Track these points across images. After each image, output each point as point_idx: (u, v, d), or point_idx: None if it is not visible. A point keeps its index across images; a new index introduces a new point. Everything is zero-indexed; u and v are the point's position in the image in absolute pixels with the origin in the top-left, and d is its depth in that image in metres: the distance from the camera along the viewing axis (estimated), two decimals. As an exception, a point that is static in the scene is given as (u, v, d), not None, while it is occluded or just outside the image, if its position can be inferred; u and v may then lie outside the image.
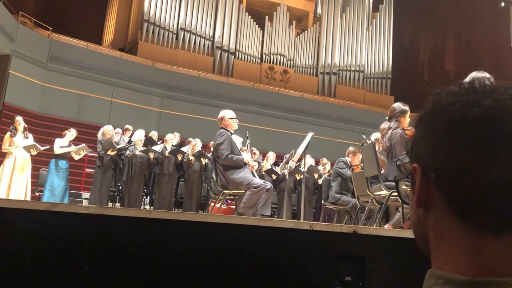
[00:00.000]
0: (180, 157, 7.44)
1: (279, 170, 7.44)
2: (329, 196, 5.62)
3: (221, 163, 4.34)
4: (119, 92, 11.31)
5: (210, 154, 6.25)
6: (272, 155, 7.98)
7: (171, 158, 7.44)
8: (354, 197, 4.71)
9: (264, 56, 14.28)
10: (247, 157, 4.65)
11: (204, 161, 7.46)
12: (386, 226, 4.03)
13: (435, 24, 16.89)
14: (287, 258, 1.91)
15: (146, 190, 7.84)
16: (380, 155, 4.03)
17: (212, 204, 5.33)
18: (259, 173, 7.18)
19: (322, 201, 6.18)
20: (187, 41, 13.21)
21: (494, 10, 14.73)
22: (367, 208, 4.21)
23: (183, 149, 7.69)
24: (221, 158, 4.31)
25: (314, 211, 7.62)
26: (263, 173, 7.46)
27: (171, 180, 7.49)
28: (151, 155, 7.38)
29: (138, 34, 12.83)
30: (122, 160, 7.55)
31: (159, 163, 7.46)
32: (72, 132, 7.21)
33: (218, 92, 12.36)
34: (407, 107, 3.82)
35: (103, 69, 11.20)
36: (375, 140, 4.27)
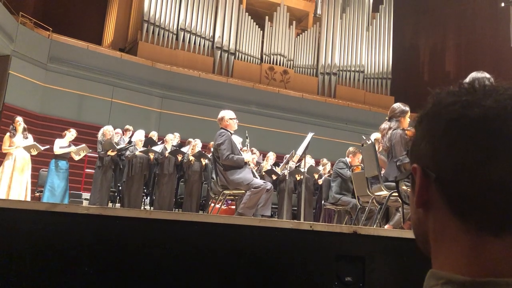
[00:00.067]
0: (180, 157, 7.44)
1: (279, 171, 7.44)
2: (329, 196, 5.62)
3: (221, 164, 4.34)
4: (119, 92, 11.31)
5: (210, 155, 6.25)
6: (272, 156, 7.98)
7: (171, 158, 7.44)
8: (354, 197, 4.71)
9: (264, 56, 14.29)
10: (247, 156, 4.66)
11: (204, 161, 7.46)
12: (386, 227, 4.03)
13: (435, 25, 16.89)
14: (287, 258, 1.91)
15: (146, 191, 7.84)
16: (380, 155, 4.03)
17: (212, 204, 5.33)
18: (259, 173, 7.18)
19: (322, 201, 6.17)
20: (187, 41, 13.22)
21: (494, 10, 14.74)
22: (367, 208, 4.21)
23: (183, 149, 7.69)
24: (221, 159, 4.31)
25: (314, 211, 7.62)
26: (263, 173, 7.46)
27: (171, 180, 7.49)
28: (151, 156, 7.38)
29: (138, 34, 12.84)
30: (122, 161, 7.55)
31: (159, 164, 7.46)
32: (72, 133, 7.20)
33: (218, 93, 12.36)
34: (407, 108, 3.82)
35: (103, 69, 11.20)
36: (375, 140, 4.27)
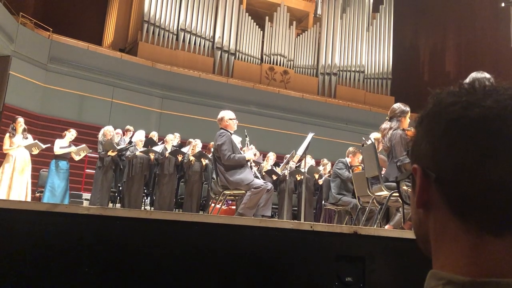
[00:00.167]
0: (180, 157, 7.44)
1: (279, 171, 7.44)
2: (329, 196, 5.62)
3: (223, 164, 4.33)
4: (119, 92, 11.32)
5: (210, 155, 6.25)
6: (272, 156, 7.98)
7: (172, 158, 7.44)
8: (355, 197, 4.71)
9: (264, 56, 14.29)
10: (249, 154, 4.66)
11: (205, 161, 7.46)
12: (387, 227, 4.03)
13: (435, 25, 16.88)
14: (287, 258, 1.91)
15: (146, 191, 7.84)
16: (380, 155, 4.03)
17: (213, 204, 5.33)
18: (259, 173, 7.18)
19: (323, 201, 6.17)
20: (187, 41, 13.22)
21: (494, 11, 14.72)
22: (367, 208, 4.21)
23: (184, 149, 7.69)
24: (223, 159, 4.30)
25: (314, 211, 7.62)
26: (264, 173, 7.46)
27: (172, 180, 7.49)
28: (152, 156, 7.38)
29: (138, 34, 12.84)
30: (122, 161, 7.55)
31: (159, 164, 7.45)
32: (72, 133, 7.20)
33: (218, 93, 12.36)
34: (407, 108, 3.82)
35: (103, 70, 11.21)
36: (375, 139, 4.27)
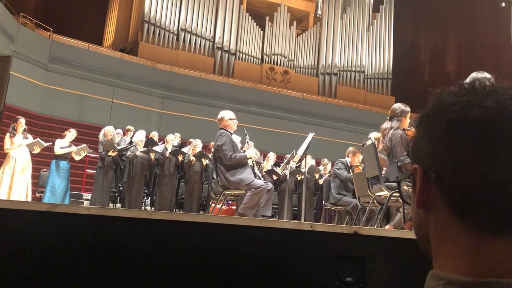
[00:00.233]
0: (181, 157, 7.44)
1: (279, 171, 7.43)
2: (329, 196, 5.62)
3: (224, 164, 4.33)
4: (119, 92, 11.32)
5: (210, 155, 6.25)
6: (273, 156, 7.97)
7: (172, 158, 7.44)
8: (355, 197, 4.71)
9: (264, 56, 14.29)
10: (251, 152, 4.66)
11: (205, 161, 7.45)
12: (387, 227, 4.02)
13: (435, 25, 16.88)
14: (287, 258, 1.91)
15: (147, 191, 7.84)
16: (380, 154, 4.03)
17: (213, 205, 5.33)
18: (260, 173, 7.17)
19: (323, 201, 6.17)
20: (187, 41, 13.22)
21: (495, 10, 14.72)
22: (368, 208, 4.21)
23: (184, 149, 7.69)
24: (224, 159, 4.30)
25: (315, 211, 7.61)
26: (264, 173, 7.45)
27: (172, 180, 7.49)
28: (152, 156, 7.38)
29: (139, 35, 12.85)
30: (123, 161, 7.55)
31: (160, 164, 7.45)
32: (72, 133, 7.20)
33: (219, 93, 12.37)
34: (407, 108, 3.82)
35: (103, 70, 11.21)
36: (376, 139, 4.26)
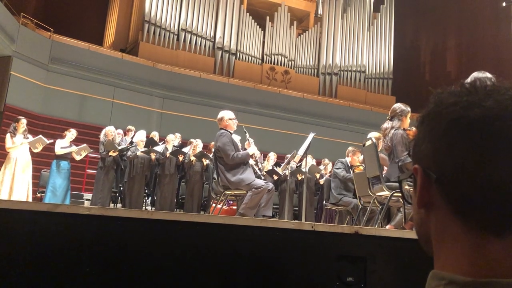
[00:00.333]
0: (181, 157, 7.44)
1: (280, 171, 7.43)
2: (330, 196, 5.61)
3: (226, 163, 4.33)
4: (120, 93, 11.33)
5: (211, 155, 6.24)
6: (273, 156, 7.96)
7: (173, 159, 7.43)
8: (356, 197, 4.70)
9: (265, 56, 14.29)
10: (252, 149, 4.66)
11: (206, 161, 7.45)
12: (388, 227, 4.02)
13: (436, 24, 16.87)
14: (288, 258, 1.91)
15: (147, 191, 7.84)
16: (381, 154, 4.03)
17: (214, 205, 5.33)
18: (260, 173, 7.17)
19: (324, 201, 6.17)
20: (188, 42, 13.23)
21: (495, 10, 14.71)
22: (368, 208, 4.20)
23: (184, 149, 7.68)
24: (227, 159, 4.30)
25: (315, 211, 7.61)
26: (264, 173, 7.45)
27: (173, 181, 7.49)
28: (153, 156, 7.37)
29: (139, 35, 12.85)
30: (123, 161, 7.54)
31: (160, 164, 7.45)
32: (72, 132, 7.19)
33: (219, 93, 12.37)
34: (408, 108, 3.82)
35: (104, 70, 11.22)
36: (376, 138, 4.26)
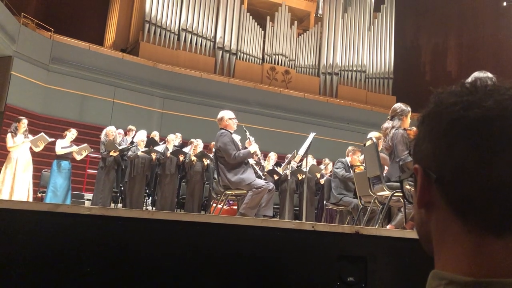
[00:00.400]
0: (182, 157, 7.44)
1: (281, 171, 7.43)
2: (330, 196, 5.61)
3: (227, 163, 4.33)
4: (120, 93, 11.33)
5: (212, 155, 6.25)
6: (274, 156, 7.96)
7: (173, 158, 7.44)
8: (356, 197, 4.70)
9: (265, 56, 14.29)
10: (253, 147, 4.66)
11: (206, 161, 7.45)
12: (388, 227, 4.02)
13: (436, 24, 16.86)
14: (288, 258, 1.91)
15: (148, 191, 7.84)
16: (382, 154, 4.03)
17: (214, 204, 5.33)
18: (262, 172, 7.17)
19: (324, 201, 6.16)
20: (188, 41, 13.22)
21: (496, 10, 14.71)
22: (369, 208, 4.20)
23: (185, 149, 7.68)
24: (228, 159, 4.30)
25: (316, 211, 7.61)
26: (265, 173, 7.45)
27: (173, 180, 7.49)
28: (153, 156, 7.38)
29: (140, 35, 12.85)
30: (124, 161, 7.55)
31: (161, 164, 7.45)
32: (72, 132, 7.20)
33: (220, 93, 12.37)
34: (408, 107, 3.82)
35: (104, 70, 11.22)
36: (376, 138, 4.26)
